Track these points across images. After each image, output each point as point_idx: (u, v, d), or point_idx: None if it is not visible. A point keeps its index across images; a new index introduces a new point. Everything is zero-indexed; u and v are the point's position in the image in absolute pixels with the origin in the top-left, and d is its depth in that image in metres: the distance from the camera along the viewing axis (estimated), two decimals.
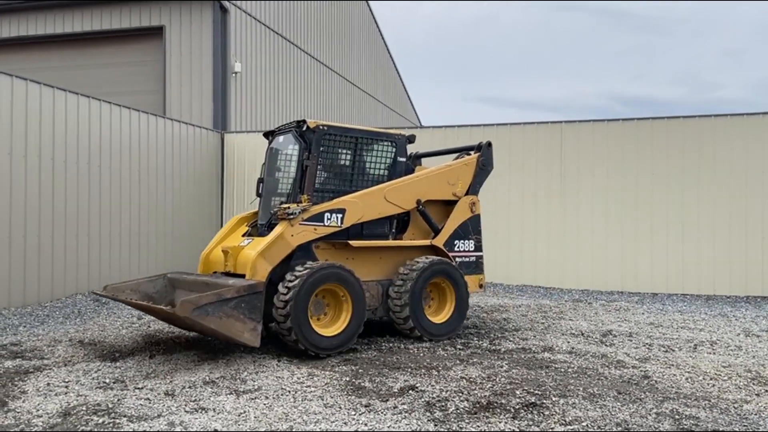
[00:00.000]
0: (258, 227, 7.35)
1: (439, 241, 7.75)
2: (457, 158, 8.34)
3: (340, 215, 6.91)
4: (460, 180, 8.03)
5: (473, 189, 8.15)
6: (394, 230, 7.68)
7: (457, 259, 7.85)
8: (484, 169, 8.25)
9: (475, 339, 7.45)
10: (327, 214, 6.82)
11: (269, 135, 7.87)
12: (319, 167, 7.08)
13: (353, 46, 23.41)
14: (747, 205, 11.63)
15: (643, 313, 9.62)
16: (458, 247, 7.91)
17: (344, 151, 7.40)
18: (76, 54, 15.65)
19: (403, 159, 7.77)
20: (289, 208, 6.60)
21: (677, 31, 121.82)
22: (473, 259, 8.05)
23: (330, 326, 6.59)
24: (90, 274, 10.31)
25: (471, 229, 8.05)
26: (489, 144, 8.37)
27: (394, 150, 7.70)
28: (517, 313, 9.49)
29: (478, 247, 8.12)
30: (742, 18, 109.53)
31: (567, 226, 12.58)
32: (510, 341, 7.34)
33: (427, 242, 7.69)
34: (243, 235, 7.31)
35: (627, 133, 12.40)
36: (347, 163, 7.45)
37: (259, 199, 7.58)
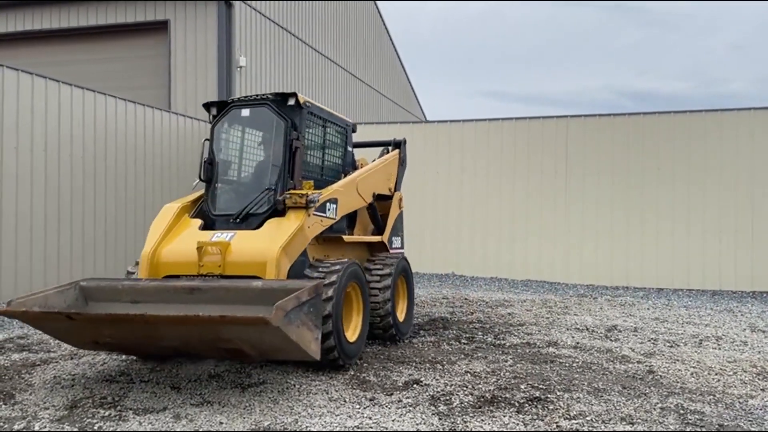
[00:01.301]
0: (215, 219, 6.10)
1: (385, 237, 7.53)
2: (382, 154, 8.09)
3: (335, 206, 6.16)
4: (392, 175, 7.90)
5: (398, 185, 8.04)
6: (346, 225, 7.12)
7: None
8: (402, 166, 8.18)
9: (480, 334, 7.45)
10: (328, 204, 6.03)
11: (213, 106, 6.51)
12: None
13: (358, 41, 23.35)
14: (753, 200, 11.59)
15: (648, 308, 9.60)
16: (394, 244, 7.75)
17: (317, 134, 6.67)
18: (80, 48, 15.66)
19: (351, 149, 7.38)
20: (307, 195, 5.69)
21: (684, 26, 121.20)
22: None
23: (345, 332, 5.71)
24: (96, 267, 10.35)
25: (399, 225, 7.98)
26: (404, 141, 8.32)
27: (346, 138, 7.25)
28: (522, 307, 9.49)
29: (402, 243, 8.11)
30: (748, 13, 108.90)
31: (572, 221, 12.56)
32: (515, 336, 7.34)
33: (378, 238, 7.38)
34: (201, 228, 5.96)
35: (633, 127, 12.36)
36: (319, 147, 6.74)
37: (205, 184, 6.35)
